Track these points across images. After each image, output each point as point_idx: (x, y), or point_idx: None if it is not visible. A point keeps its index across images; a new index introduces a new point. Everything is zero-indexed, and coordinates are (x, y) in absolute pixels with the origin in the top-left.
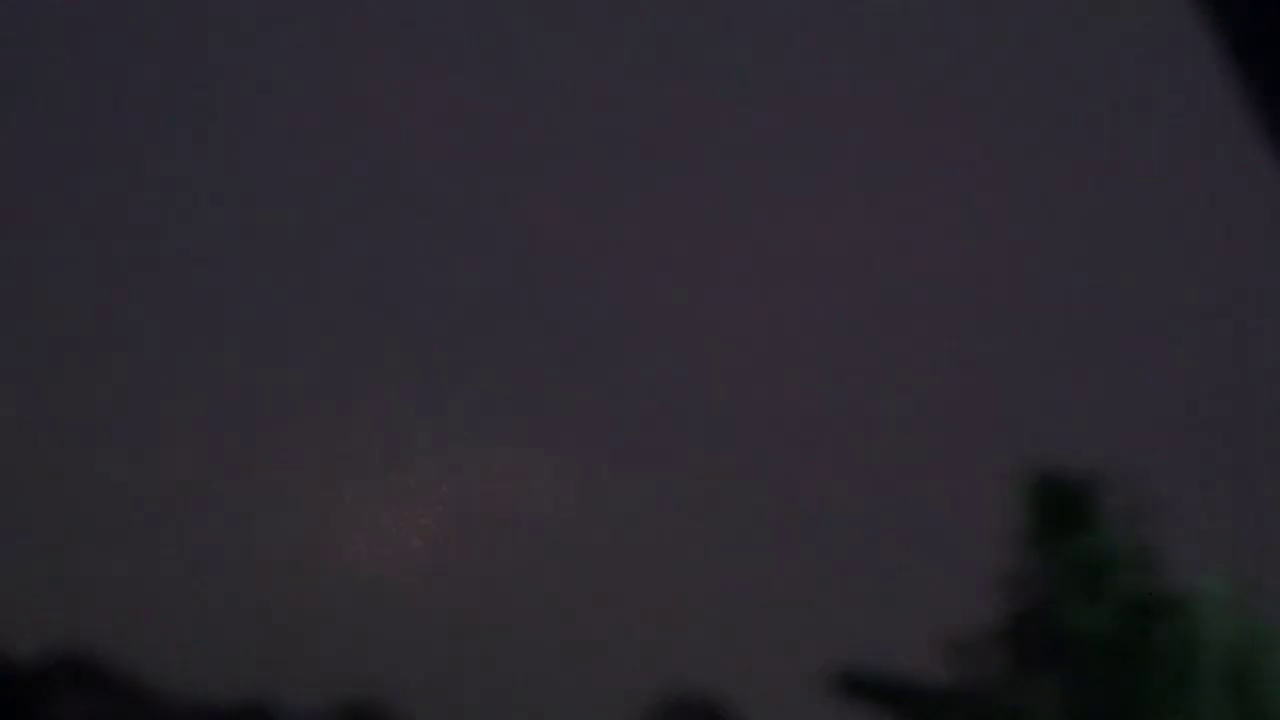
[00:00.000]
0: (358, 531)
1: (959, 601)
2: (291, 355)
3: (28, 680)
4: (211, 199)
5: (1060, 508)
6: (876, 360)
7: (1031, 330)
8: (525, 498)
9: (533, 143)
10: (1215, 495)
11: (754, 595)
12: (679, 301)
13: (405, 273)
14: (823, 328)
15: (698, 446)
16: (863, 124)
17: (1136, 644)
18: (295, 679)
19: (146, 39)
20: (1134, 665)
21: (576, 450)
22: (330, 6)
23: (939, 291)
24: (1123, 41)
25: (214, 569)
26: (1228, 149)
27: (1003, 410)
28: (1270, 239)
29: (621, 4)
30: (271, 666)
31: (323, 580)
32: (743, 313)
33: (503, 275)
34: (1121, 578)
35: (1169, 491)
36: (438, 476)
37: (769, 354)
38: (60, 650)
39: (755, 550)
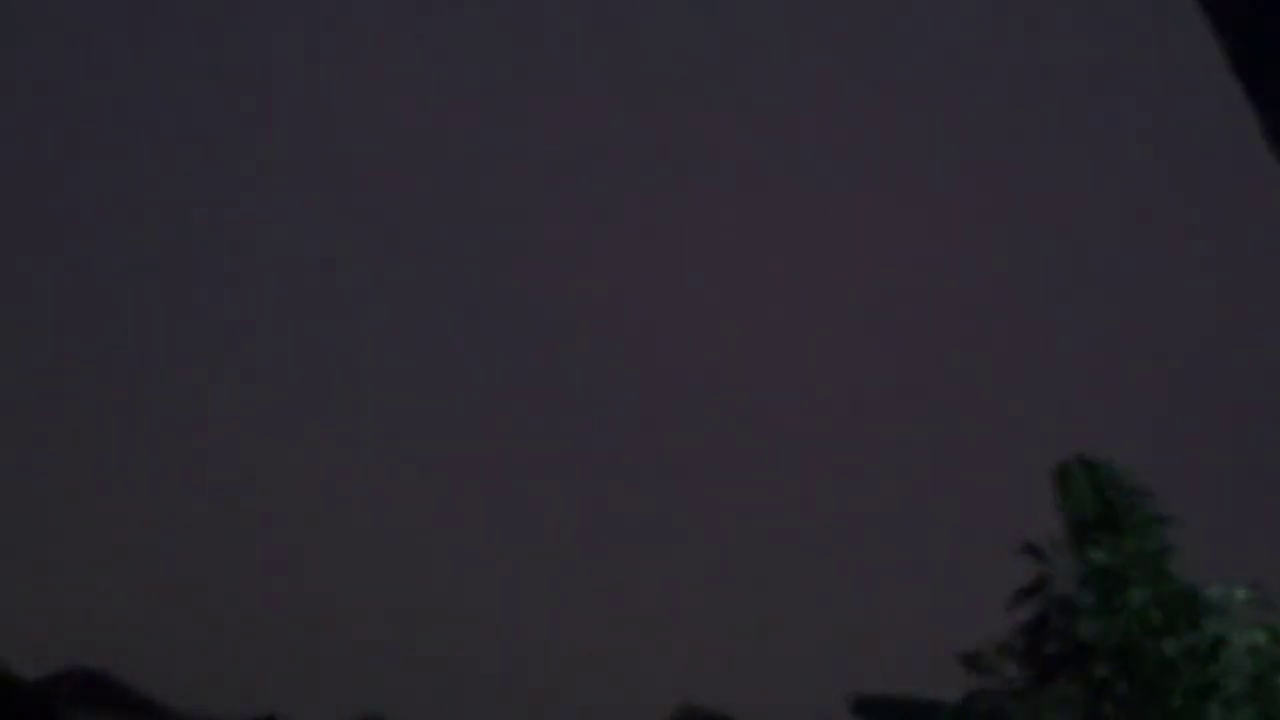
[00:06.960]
0: None
1: (974, 613)
2: None
3: (39, 696)
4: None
5: (1090, 513)
6: (892, 371)
7: (1049, 343)
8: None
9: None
10: (1236, 504)
11: (765, 609)
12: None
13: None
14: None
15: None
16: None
17: (1155, 653)
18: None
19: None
20: (1152, 675)
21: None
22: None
23: (957, 303)
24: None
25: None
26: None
27: (1019, 423)
28: None
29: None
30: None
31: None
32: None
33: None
34: (1140, 586)
35: (1189, 500)
36: None
37: (783, 366)
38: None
39: (768, 564)
